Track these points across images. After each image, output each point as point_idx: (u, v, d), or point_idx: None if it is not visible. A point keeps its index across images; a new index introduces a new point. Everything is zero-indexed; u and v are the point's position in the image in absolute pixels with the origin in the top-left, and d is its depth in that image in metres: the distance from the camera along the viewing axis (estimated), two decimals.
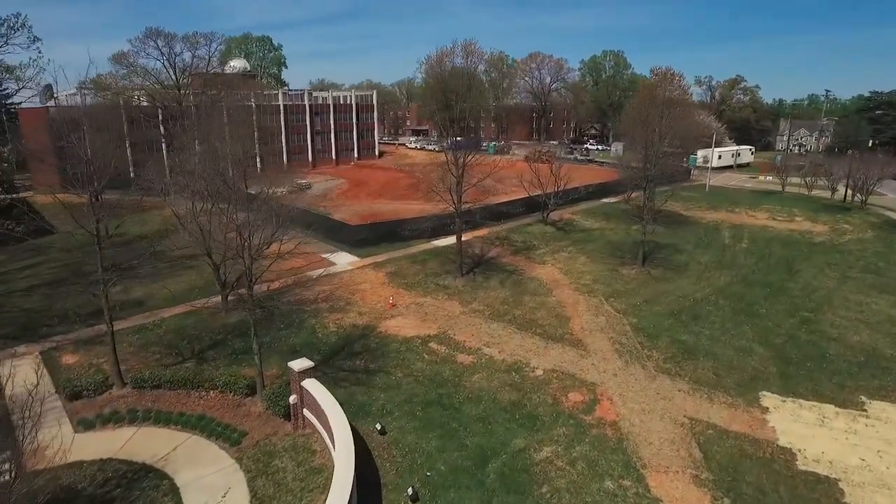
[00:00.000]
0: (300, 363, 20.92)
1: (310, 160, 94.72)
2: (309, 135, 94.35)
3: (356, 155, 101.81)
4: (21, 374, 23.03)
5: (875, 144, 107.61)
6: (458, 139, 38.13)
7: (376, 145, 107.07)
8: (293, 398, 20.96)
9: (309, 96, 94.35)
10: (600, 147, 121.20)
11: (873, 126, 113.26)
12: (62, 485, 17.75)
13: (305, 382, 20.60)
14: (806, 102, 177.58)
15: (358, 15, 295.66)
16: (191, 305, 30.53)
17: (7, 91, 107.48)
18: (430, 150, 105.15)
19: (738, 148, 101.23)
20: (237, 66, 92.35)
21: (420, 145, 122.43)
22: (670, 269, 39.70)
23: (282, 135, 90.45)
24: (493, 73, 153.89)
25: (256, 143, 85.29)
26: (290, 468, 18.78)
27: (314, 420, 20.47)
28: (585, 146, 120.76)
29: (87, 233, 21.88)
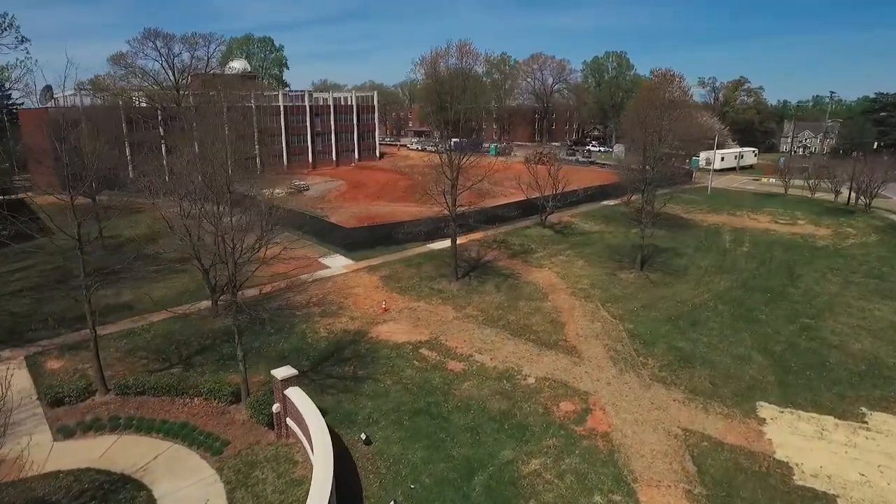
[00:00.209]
0: (283, 371, 20.43)
1: (310, 161, 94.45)
2: (309, 136, 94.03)
3: (357, 156, 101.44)
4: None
5: (880, 146, 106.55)
6: (456, 140, 37.52)
7: (377, 146, 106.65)
8: (276, 407, 20.48)
9: (309, 97, 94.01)
10: (602, 149, 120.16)
11: (878, 128, 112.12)
12: (36, 496, 17.31)
13: (289, 391, 20.12)
14: (810, 104, 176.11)
15: (360, 16, 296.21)
16: (179, 310, 30.03)
17: (9, 92, 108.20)
18: (431, 152, 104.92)
19: (741, 150, 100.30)
20: (237, 67, 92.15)
21: (421, 146, 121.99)
22: (669, 274, 39.03)
23: (282, 136, 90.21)
24: (496, 75, 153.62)
25: (256, 144, 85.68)
26: (271, 480, 18.29)
27: (297, 430, 19.97)
28: (587, 148, 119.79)
29: (68, 236, 21.47)
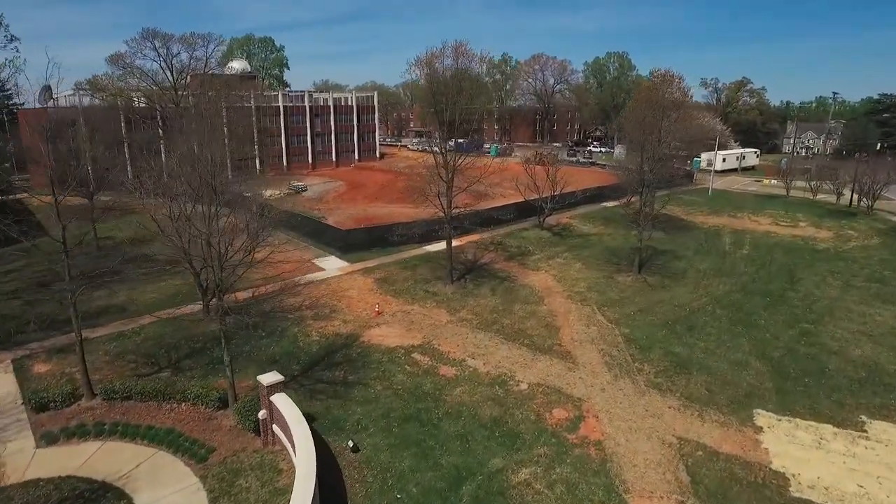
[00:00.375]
0: (270, 377, 20.06)
1: (310, 162, 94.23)
2: (309, 136, 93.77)
3: (357, 157, 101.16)
4: None
5: (883, 147, 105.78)
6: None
7: (377, 147, 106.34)
8: (262, 413, 20.11)
9: (309, 98, 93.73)
10: (604, 149, 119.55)
11: (882, 129, 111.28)
12: None
13: (275, 397, 19.74)
14: (814, 105, 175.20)
15: (362, 16, 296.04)
16: (163, 314, 29.73)
17: (8, 92, 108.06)
18: (426, 152, 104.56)
19: (743, 151, 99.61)
20: (236, 68, 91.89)
21: (422, 147, 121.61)
22: (667, 277, 38.54)
23: (282, 136, 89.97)
24: (498, 75, 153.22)
25: (256, 145, 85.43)
26: (255, 489, 17.91)
27: (283, 437, 19.59)
28: (588, 149, 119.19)
29: (53, 239, 21.15)
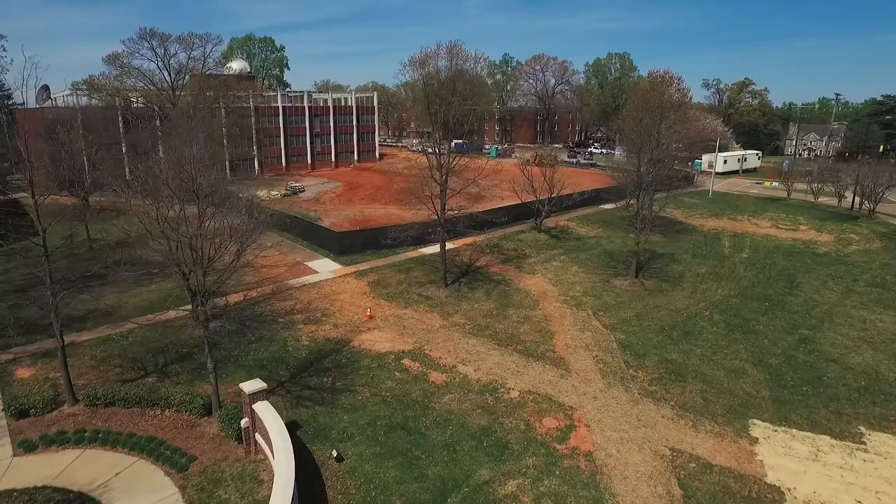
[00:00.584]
0: (252, 385, 19.59)
1: (309, 162, 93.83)
2: (308, 137, 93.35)
3: (356, 157, 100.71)
4: None
5: (886, 149, 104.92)
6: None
7: (377, 148, 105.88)
8: (245, 422, 19.67)
9: (308, 98, 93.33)
10: (604, 151, 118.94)
11: (885, 130, 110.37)
12: None
13: (257, 406, 19.28)
14: (816, 106, 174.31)
15: (365, 17, 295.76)
16: (142, 320, 29.26)
17: (8, 91, 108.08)
18: (419, 152, 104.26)
19: (745, 152, 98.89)
20: (234, 68, 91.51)
21: (422, 148, 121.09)
22: (665, 281, 37.99)
23: (281, 137, 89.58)
24: (498, 75, 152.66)
25: (254, 145, 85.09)
26: (234, 500, 17.45)
27: (265, 446, 19.13)
28: (589, 150, 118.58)
29: (34, 244, 20.73)
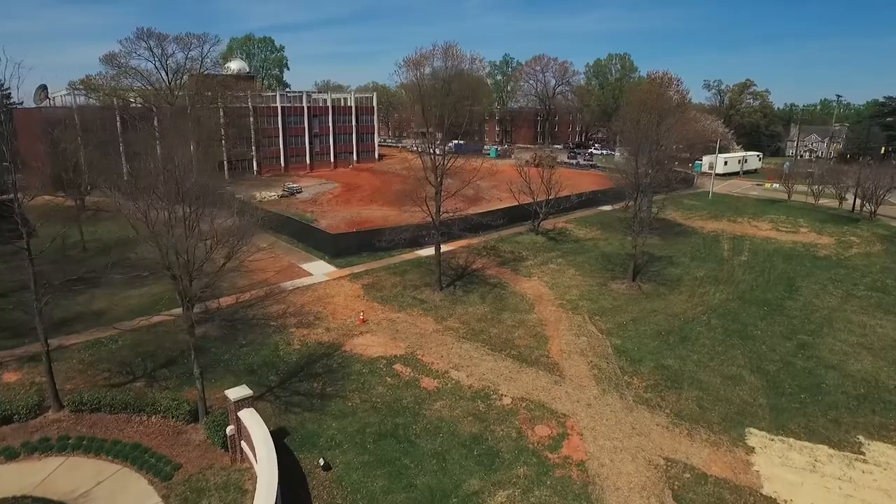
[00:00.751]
0: (237, 392, 19.20)
1: (308, 163, 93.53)
2: (307, 137, 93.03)
3: (355, 158, 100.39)
4: None
5: (888, 151, 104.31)
6: (444, 144, 36.07)
7: (376, 148, 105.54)
8: (230, 429, 19.29)
9: (307, 98, 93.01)
10: (605, 152, 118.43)
11: (886, 132, 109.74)
12: None
13: (242, 413, 18.90)
14: (818, 107, 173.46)
15: (365, 17, 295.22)
16: (133, 324, 28.93)
17: (7, 91, 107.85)
18: (416, 153, 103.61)
19: (745, 154, 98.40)
20: (233, 68, 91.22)
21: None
22: (663, 285, 37.56)
23: (279, 137, 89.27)
24: (499, 76, 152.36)
25: (253, 146, 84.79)
26: None
27: (250, 454, 18.76)
28: (589, 151, 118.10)
29: (17, 248, 20.40)
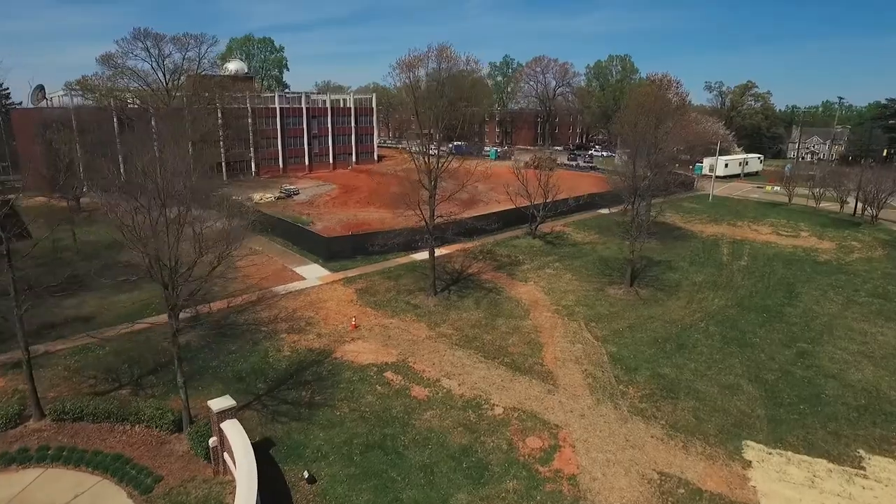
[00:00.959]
0: (220, 402, 18.70)
1: (306, 164, 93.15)
2: (306, 138, 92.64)
3: (354, 159, 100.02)
4: None
5: (890, 153, 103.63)
6: (438, 146, 35.55)
7: (375, 149, 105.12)
8: (213, 441, 18.81)
9: (306, 99, 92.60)
10: (605, 153, 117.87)
11: (888, 134, 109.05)
12: None
13: (225, 424, 18.41)
14: (819, 109, 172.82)
15: (365, 18, 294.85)
16: (114, 330, 28.47)
17: (7, 91, 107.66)
18: (409, 152, 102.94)
19: (746, 156, 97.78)
20: (231, 69, 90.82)
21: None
22: (661, 290, 37.01)
23: (278, 138, 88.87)
24: (499, 77, 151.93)
25: (251, 147, 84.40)
26: None
27: (233, 467, 18.26)
28: (590, 152, 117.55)
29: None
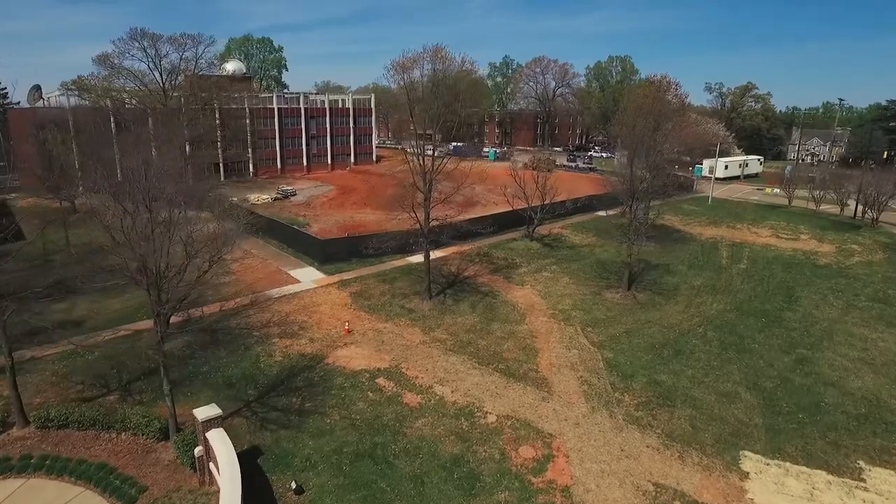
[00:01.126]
0: (205, 411, 18.31)
1: (304, 165, 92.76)
2: (304, 139, 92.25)
3: (353, 160, 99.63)
4: None
5: (891, 155, 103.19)
6: (434, 147, 35.13)
7: (374, 150, 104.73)
8: (199, 450, 18.42)
9: (305, 99, 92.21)
10: (605, 155, 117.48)
11: (889, 136, 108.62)
12: None
13: (211, 434, 18.01)
14: (820, 111, 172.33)
15: (365, 18, 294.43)
16: (98, 336, 28.10)
17: (4, 90, 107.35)
18: (398, 149, 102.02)
19: (746, 158, 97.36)
20: (229, 69, 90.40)
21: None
22: (659, 294, 36.59)
23: (276, 139, 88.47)
24: (499, 78, 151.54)
25: (249, 148, 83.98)
26: None
27: (218, 477, 17.85)
28: (589, 153, 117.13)
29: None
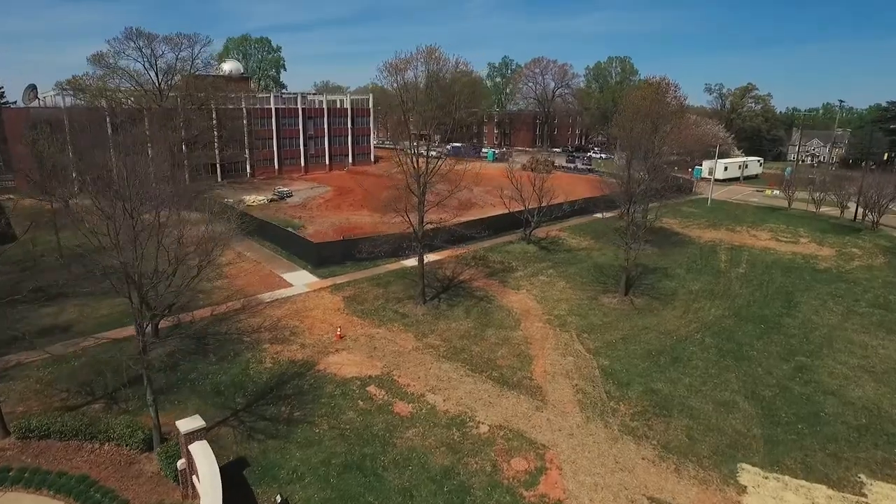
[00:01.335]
0: (188, 423, 17.82)
1: (302, 165, 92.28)
2: (301, 139, 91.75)
3: (351, 160, 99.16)
4: None
5: (891, 157, 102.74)
6: (428, 147, 34.61)
7: (372, 150, 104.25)
8: (181, 463, 17.95)
9: (302, 100, 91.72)
10: (605, 156, 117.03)
11: (890, 137, 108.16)
12: None
13: (193, 446, 17.52)
14: (820, 112, 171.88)
15: (365, 18, 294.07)
16: (85, 340, 27.60)
17: (2, 89, 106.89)
18: (396, 150, 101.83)
19: (746, 159, 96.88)
20: (227, 69, 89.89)
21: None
22: (656, 299, 36.10)
23: (273, 139, 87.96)
24: (498, 78, 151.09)
25: (246, 148, 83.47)
26: None
27: (202, 490, 17.37)
28: (588, 155, 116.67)
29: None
